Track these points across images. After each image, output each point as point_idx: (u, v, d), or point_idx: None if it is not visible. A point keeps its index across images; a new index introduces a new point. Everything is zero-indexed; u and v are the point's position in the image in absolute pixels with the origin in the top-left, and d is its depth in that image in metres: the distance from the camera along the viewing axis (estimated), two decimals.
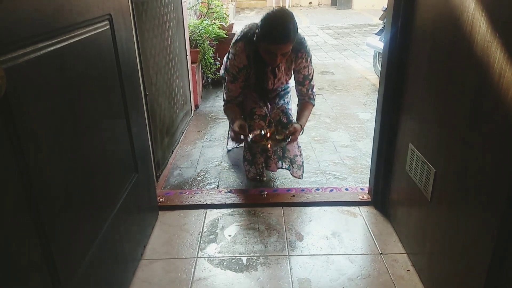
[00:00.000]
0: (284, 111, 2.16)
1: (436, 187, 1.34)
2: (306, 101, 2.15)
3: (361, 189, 2.12)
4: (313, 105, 2.16)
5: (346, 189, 2.13)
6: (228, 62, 2.06)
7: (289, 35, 1.79)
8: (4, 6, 0.75)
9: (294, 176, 2.22)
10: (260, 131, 1.97)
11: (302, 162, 2.22)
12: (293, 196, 2.06)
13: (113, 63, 1.33)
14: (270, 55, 1.86)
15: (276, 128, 2.03)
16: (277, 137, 1.95)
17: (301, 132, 2.03)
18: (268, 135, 1.95)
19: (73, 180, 1.05)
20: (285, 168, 2.23)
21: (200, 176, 2.33)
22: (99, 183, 1.22)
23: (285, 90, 2.29)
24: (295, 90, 2.19)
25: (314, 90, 2.15)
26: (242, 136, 1.97)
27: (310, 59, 2.05)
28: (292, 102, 2.28)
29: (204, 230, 1.83)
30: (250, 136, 1.94)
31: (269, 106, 2.24)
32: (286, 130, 1.98)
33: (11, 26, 0.79)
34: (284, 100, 2.24)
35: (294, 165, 2.20)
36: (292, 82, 2.23)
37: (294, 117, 2.17)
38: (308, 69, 2.06)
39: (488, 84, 1.03)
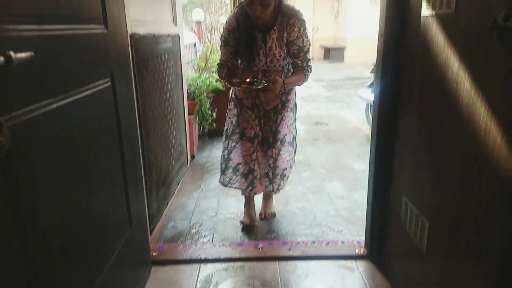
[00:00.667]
0: (273, 130, 2.17)
1: (431, 240, 1.34)
2: (299, 70, 2.05)
3: (358, 242, 2.10)
4: (305, 75, 2.05)
5: (343, 242, 2.11)
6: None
7: None
8: (14, 70, 0.79)
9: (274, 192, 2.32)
10: (244, 79, 1.95)
11: (288, 175, 2.30)
12: (289, 249, 2.03)
13: (113, 118, 1.37)
14: (251, 7, 1.86)
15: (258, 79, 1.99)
16: (255, 84, 1.91)
17: (283, 88, 1.93)
18: (248, 80, 1.94)
19: (68, 235, 1.04)
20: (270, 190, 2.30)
21: (195, 228, 2.30)
22: (93, 238, 1.21)
23: (284, 105, 2.17)
24: (291, 68, 2.13)
25: (310, 64, 2.07)
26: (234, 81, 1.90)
27: (304, 30, 1.99)
28: (290, 126, 2.23)
29: (198, 287, 1.78)
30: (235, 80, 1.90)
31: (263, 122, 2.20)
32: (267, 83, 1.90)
33: (18, 87, 0.83)
34: (280, 119, 2.18)
35: (275, 179, 2.24)
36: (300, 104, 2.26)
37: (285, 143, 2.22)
38: (303, 40, 1.99)
39: (475, 139, 1.06)
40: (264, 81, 1.90)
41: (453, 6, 1.15)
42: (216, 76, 4.09)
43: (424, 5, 1.35)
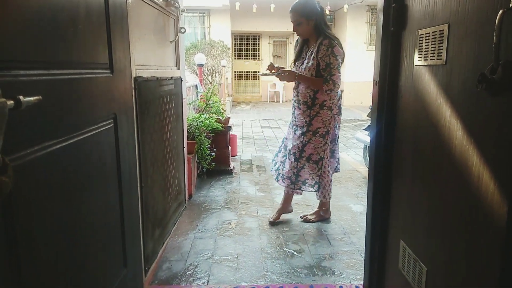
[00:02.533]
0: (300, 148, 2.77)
1: (429, 286, 1.32)
2: (321, 78, 2.59)
3: (356, 286, 2.06)
4: (324, 83, 2.56)
5: (341, 287, 2.06)
6: None
7: (293, 6, 2.58)
8: (21, 112, 0.82)
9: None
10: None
11: (315, 183, 2.81)
12: None
13: (113, 159, 1.39)
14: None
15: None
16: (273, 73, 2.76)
17: (295, 78, 2.66)
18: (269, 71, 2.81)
19: (63, 276, 1.03)
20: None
21: (190, 270, 2.26)
22: (88, 280, 1.19)
23: (302, 129, 2.75)
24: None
25: (334, 78, 2.54)
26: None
27: (332, 51, 2.51)
28: (317, 148, 2.77)
29: None
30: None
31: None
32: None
33: (24, 128, 0.86)
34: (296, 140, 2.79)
35: (305, 186, 2.84)
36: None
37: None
38: (329, 58, 2.52)
39: (469, 186, 1.08)
40: (280, 71, 2.70)
41: (444, 58, 1.21)
42: (215, 116, 4.17)
43: (416, 55, 1.42)
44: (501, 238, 0.93)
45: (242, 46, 14.18)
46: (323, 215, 3.00)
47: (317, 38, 2.59)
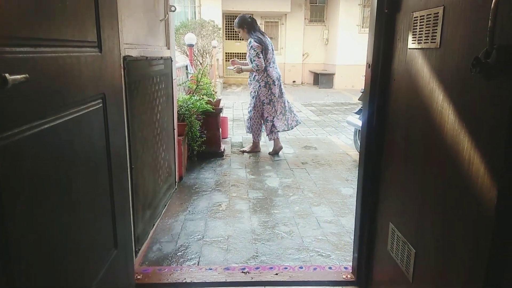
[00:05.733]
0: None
1: (417, 268, 1.34)
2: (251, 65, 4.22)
3: (345, 268, 2.09)
4: (252, 66, 4.18)
5: (330, 268, 2.10)
6: None
7: (235, 22, 4.26)
8: (7, 91, 0.80)
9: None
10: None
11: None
12: (276, 274, 2.01)
13: (103, 139, 1.37)
14: None
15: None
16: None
17: (241, 70, 4.37)
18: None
19: (53, 257, 1.02)
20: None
21: (181, 251, 2.27)
22: (78, 261, 1.18)
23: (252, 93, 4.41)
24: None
25: (257, 63, 4.11)
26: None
27: (251, 46, 4.12)
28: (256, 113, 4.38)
29: None
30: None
31: None
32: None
33: (10, 107, 0.83)
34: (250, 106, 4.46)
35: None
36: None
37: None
38: (250, 51, 4.14)
39: (459, 169, 1.09)
40: (235, 67, 4.39)
41: (438, 41, 1.20)
42: (206, 98, 4.13)
43: (410, 38, 1.40)
44: (490, 221, 0.95)
45: (233, 26, 13.97)
46: (253, 147, 4.59)
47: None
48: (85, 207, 1.23)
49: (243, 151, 4.56)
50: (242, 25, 4.16)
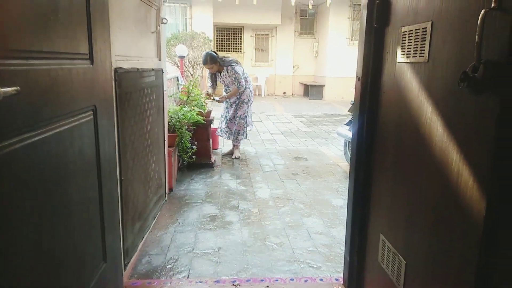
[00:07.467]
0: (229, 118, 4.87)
1: (408, 279, 1.35)
2: (236, 87, 4.59)
3: (336, 279, 2.09)
4: (238, 88, 4.58)
5: (321, 280, 2.09)
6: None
7: (204, 61, 4.55)
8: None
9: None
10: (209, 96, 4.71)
11: (238, 132, 4.85)
12: (267, 287, 2.00)
13: (93, 151, 1.36)
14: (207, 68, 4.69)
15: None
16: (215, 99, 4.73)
17: (226, 98, 4.74)
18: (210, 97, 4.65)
19: (41, 270, 1.00)
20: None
21: (170, 264, 2.25)
22: (67, 274, 1.16)
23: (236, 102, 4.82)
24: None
25: (241, 83, 4.55)
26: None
27: (234, 71, 4.53)
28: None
29: None
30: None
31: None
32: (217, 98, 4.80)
33: (0, 119, 0.82)
34: (232, 111, 4.86)
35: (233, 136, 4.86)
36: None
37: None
38: (234, 75, 4.55)
39: (448, 181, 1.11)
40: (217, 98, 4.78)
41: (426, 56, 1.23)
42: (197, 109, 4.14)
43: (399, 52, 1.43)
44: (479, 232, 0.96)
45: (224, 38, 14.04)
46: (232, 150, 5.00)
47: (224, 68, 4.59)
48: (74, 220, 1.21)
49: (236, 157, 4.85)
50: (214, 60, 4.50)
